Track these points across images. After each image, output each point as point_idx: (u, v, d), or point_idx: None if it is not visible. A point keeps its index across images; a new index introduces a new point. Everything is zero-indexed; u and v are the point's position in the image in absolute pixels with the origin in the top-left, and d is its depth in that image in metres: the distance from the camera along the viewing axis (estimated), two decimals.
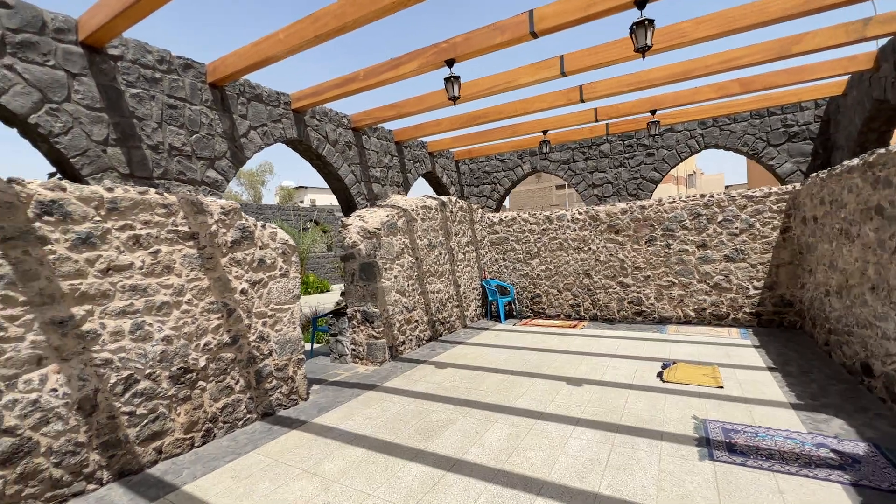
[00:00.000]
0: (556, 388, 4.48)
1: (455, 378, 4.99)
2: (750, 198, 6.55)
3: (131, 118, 3.84)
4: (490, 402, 4.19)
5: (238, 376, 3.92)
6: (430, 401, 4.34)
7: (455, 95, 4.15)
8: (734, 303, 6.72)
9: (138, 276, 3.24)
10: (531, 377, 4.89)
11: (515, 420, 3.76)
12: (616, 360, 5.33)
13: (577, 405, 4.00)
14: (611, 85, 5.42)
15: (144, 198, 3.30)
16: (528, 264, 8.52)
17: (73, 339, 2.88)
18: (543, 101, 5.84)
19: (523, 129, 7.28)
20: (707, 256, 6.87)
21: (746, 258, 6.60)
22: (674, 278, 7.16)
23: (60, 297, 2.84)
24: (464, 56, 4.06)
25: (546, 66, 4.70)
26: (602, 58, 4.44)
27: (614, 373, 4.87)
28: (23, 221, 2.70)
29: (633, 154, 8.63)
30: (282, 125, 5.30)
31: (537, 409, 3.98)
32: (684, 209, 7.01)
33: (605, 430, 3.46)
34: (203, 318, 3.66)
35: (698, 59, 4.86)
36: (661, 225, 7.19)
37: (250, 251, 4.10)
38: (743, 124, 7.75)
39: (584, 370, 5.02)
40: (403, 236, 6.39)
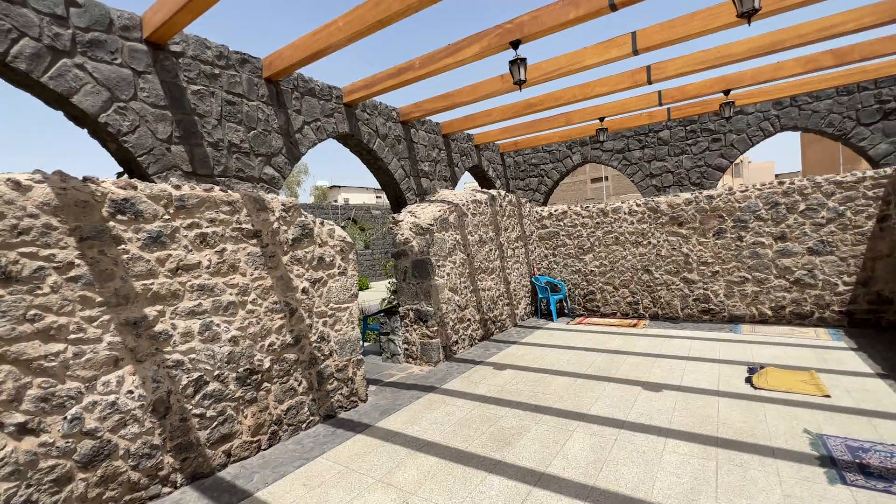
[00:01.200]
0: (632, 394, 4.13)
1: (517, 381, 4.73)
2: (839, 183, 5.89)
3: (192, 115, 3.79)
4: (562, 409, 3.90)
5: (301, 377, 3.82)
6: (496, 405, 4.10)
7: (521, 79, 3.86)
8: (820, 300, 6.08)
9: (206, 276, 3.17)
10: (601, 381, 4.55)
11: (595, 429, 3.46)
12: (692, 363, 4.89)
13: (662, 413, 3.64)
14: (682, 64, 4.95)
15: (210, 195, 3.23)
16: (581, 260, 8.10)
17: (146, 340, 2.83)
18: (605, 84, 5.43)
19: (577, 118, 6.88)
20: (787, 249, 6.25)
21: (835, 251, 5.95)
22: (747, 273, 6.57)
23: (134, 298, 2.78)
24: (531, 36, 3.76)
25: (616, 45, 4.32)
26: (679, 32, 4.02)
27: (694, 377, 4.45)
28: (98, 221, 2.65)
29: (696, 140, 8.00)
30: (334, 120, 5.18)
31: (617, 416, 3.66)
32: (759, 198, 6.41)
33: (703, 444, 3.09)
34: (267, 318, 3.57)
35: (790, 28, 4.33)
36: (732, 216, 6.61)
37: (310, 249, 3.98)
38: (827, 102, 7.00)
39: (658, 374, 4.63)
40: (455, 232, 6.17)
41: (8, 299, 2.29)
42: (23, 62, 2.88)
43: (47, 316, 2.42)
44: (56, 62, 3.04)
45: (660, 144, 8.32)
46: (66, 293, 2.49)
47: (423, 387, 4.79)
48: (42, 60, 2.97)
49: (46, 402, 2.40)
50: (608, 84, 5.43)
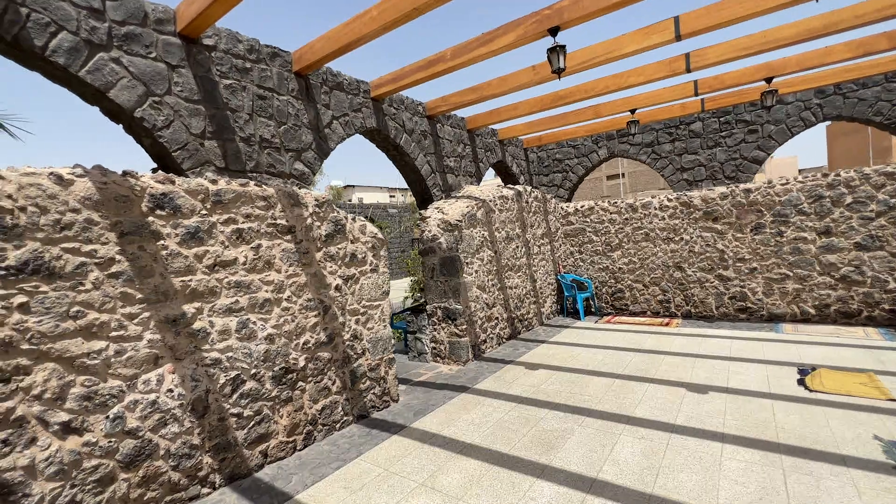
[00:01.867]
0: (676, 396, 3.94)
1: (552, 381, 4.57)
2: (890, 175, 5.57)
3: (225, 110, 3.74)
4: (604, 410, 3.74)
5: (334, 377, 3.74)
6: (533, 406, 3.96)
7: (561, 67, 3.70)
8: (868, 298, 5.77)
9: (242, 272, 3.10)
10: (640, 382, 4.37)
11: (643, 432, 3.29)
12: (737, 364, 4.67)
13: (712, 417, 3.45)
14: (724, 50, 4.72)
15: (245, 190, 3.16)
16: (609, 257, 7.88)
17: (185, 337, 2.77)
18: (640, 74, 5.23)
19: (606, 110, 6.67)
20: (832, 245, 5.95)
21: (885, 246, 5.64)
22: (787, 270, 6.28)
23: (173, 295, 2.72)
24: (571, 22, 3.60)
25: (657, 31, 4.12)
26: (726, 15, 3.81)
27: (741, 379, 4.24)
28: (138, 216, 2.59)
29: (730, 132, 7.70)
30: (361, 115, 5.09)
31: (665, 419, 3.48)
32: (801, 191, 6.12)
33: (764, 450, 2.91)
34: (301, 315, 3.49)
35: (846, 8, 4.07)
36: (771, 210, 6.33)
37: (342, 245, 3.90)
38: (875, 89, 6.65)
39: (701, 375, 4.43)
40: (482, 228, 6.03)
41: (52, 295, 2.24)
42: (61, 56, 2.85)
43: (89, 313, 2.38)
44: (93, 56, 3.00)
45: (691, 137, 8.04)
46: (108, 289, 2.44)
47: (455, 386, 4.68)
48: (80, 54, 2.94)
49: (89, 401, 2.36)
50: (644, 73, 5.22)
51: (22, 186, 2.18)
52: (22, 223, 2.17)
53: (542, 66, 4.90)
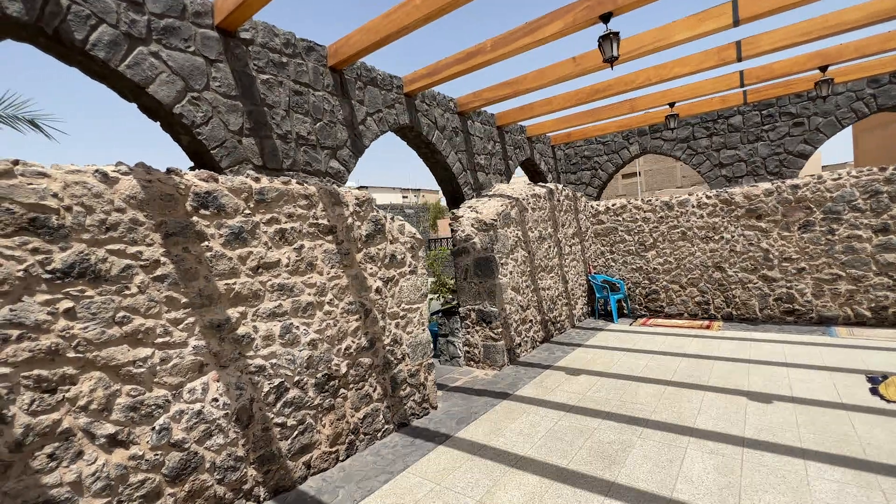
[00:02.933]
0: (737, 405, 3.68)
1: (598, 388, 4.35)
2: None
3: (262, 106, 3.62)
4: (662, 421, 3.50)
5: (375, 383, 3.58)
6: (583, 415, 3.74)
7: (614, 55, 3.48)
8: None
9: (285, 275, 2.96)
10: (693, 389, 4.12)
11: (711, 445, 3.05)
12: (796, 371, 4.38)
13: (785, 429, 3.19)
14: (780, 37, 4.44)
15: (288, 188, 3.01)
16: (643, 257, 7.60)
17: (229, 343, 2.63)
18: (686, 64, 4.97)
19: (643, 104, 6.40)
20: (890, 243, 5.60)
21: None
22: (840, 270, 5.94)
23: (217, 299, 2.59)
24: (625, 7, 3.39)
25: (713, 16, 3.87)
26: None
27: (806, 387, 3.96)
28: (182, 215, 2.46)
29: (773, 125, 7.35)
30: (395, 111, 4.94)
31: (731, 431, 3.23)
32: (855, 186, 5.77)
33: (855, 469, 2.65)
34: (343, 319, 3.34)
35: None
36: (822, 207, 5.99)
37: (382, 246, 3.74)
38: None
39: (759, 382, 4.15)
40: (516, 228, 5.83)
41: (97, 300, 2.12)
42: (101, 50, 2.74)
43: (135, 318, 2.25)
44: (133, 50, 2.89)
45: (731, 131, 7.70)
46: (153, 293, 2.31)
47: (495, 393, 4.48)
48: (119, 48, 2.83)
49: (135, 412, 2.22)
50: (689, 64, 4.96)
51: (67, 185, 2.06)
52: (68, 224, 2.05)
53: (583, 57, 4.68)
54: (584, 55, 4.61)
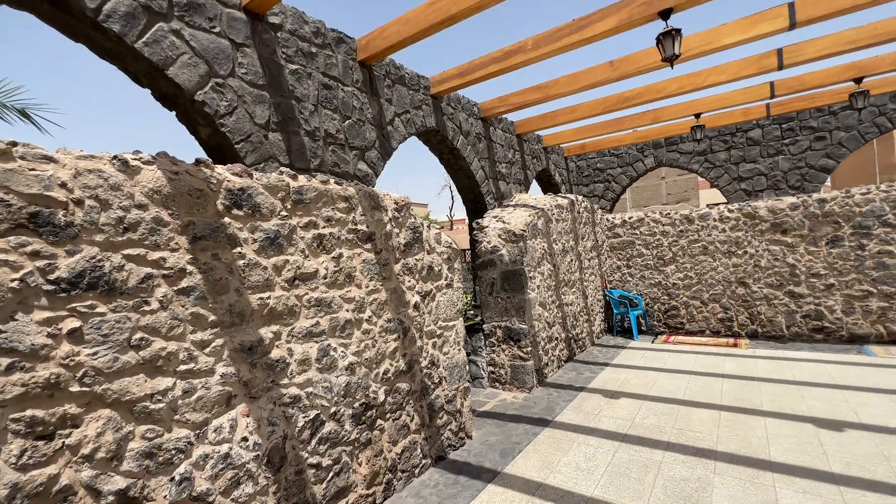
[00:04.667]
0: (807, 433, 3.38)
1: (644, 413, 4.00)
2: None
3: (290, 98, 3.24)
4: (732, 453, 3.16)
5: (413, 412, 3.16)
6: (640, 446, 3.37)
7: (675, 53, 3.25)
8: None
9: (322, 288, 2.55)
10: (750, 414, 3.80)
11: (802, 484, 2.72)
12: (851, 394, 4.11)
13: (874, 462, 2.89)
14: (826, 45, 4.30)
15: (327, 188, 2.63)
16: (661, 272, 7.36)
17: (261, 370, 2.20)
18: (722, 73, 4.80)
19: (666, 114, 6.25)
20: None
21: None
22: (870, 287, 5.78)
23: (249, 316, 2.17)
24: (686, 3, 3.16)
25: (767, 18, 3.70)
26: (852, 0, 3.38)
27: (869, 412, 3.68)
28: (212, 216, 2.05)
29: (794, 139, 7.29)
30: (422, 112, 4.62)
31: (815, 466, 2.91)
32: (885, 201, 5.66)
33: None
34: (381, 339, 2.93)
35: None
36: (850, 222, 5.86)
37: (420, 256, 3.36)
38: None
39: (818, 406, 3.87)
40: (542, 240, 5.52)
41: (110, 318, 1.68)
42: (116, 22, 2.34)
43: (155, 341, 1.81)
44: (152, 26, 2.51)
45: (749, 145, 7.62)
46: (177, 309, 1.88)
47: (532, 419, 4.09)
48: (137, 22, 2.44)
49: (151, 459, 1.77)
50: (726, 72, 4.79)
51: (79, 173, 1.65)
52: (78, 221, 1.63)
53: (621, 60, 4.46)
54: (624, 59, 4.40)
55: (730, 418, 3.77)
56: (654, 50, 4.23)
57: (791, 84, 5.37)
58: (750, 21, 3.82)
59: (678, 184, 29.20)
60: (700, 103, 6.00)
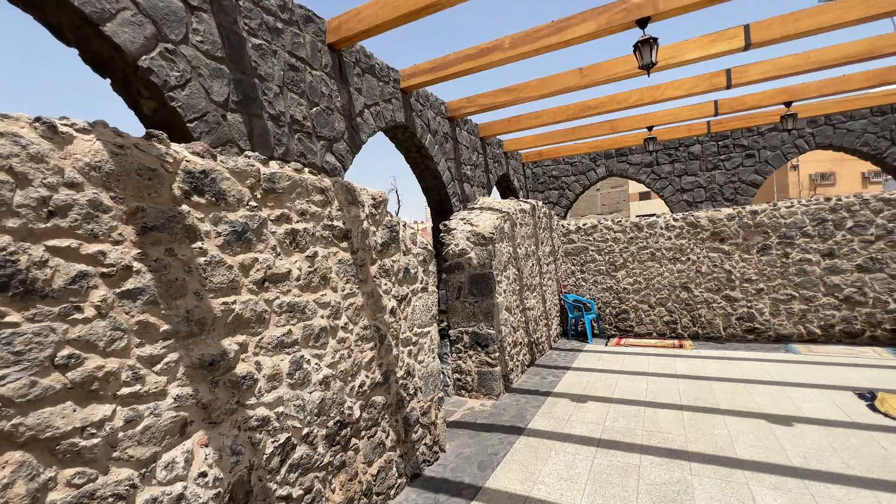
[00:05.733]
0: (761, 429, 3.57)
1: (613, 416, 4.03)
2: (887, 201, 5.89)
3: (253, 76, 2.85)
4: (703, 452, 3.25)
5: (388, 427, 2.89)
6: (617, 450, 3.37)
7: (652, 61, 3.31)
8: (871, 318, 5.99)
9: (295, 291, 2.23)
10: (709, 413, 3.97)
11: (771, 480, 2.83)
12: (792, 390, 4.46)
13: (827, 454, 3.09)
14: (766, 69, 4.70)
15: (302, 177, 2.31)
16: (613, 277, 7.66)
17: (224, 389, 1.84)
18: (678, 87, 5.08)
19: (623, 125, 6.53)
20: (835, 266, 6.14)
21: (885, 268, 5.90)
22: (793, 291, 6.40)
23: (211, 324, 1.80)
24: (664, 14, 3.25)
25: (725, 38, 3.93)
26: (801, 27, 3.70)
27: (811, 406, 3.99)
28: (167, 202, 1.68)
29: (728, 155, 7.97)
30: (391, 106, 4.36)
31: (777, 461, 3.06)
32: (805, 214, 6.31)
33: None
34: (357, 349, 2.64)
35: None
36: (777, 232, 6.46)
37: (396, 257, 3.11)
38: (862, 122, 7.20)
39: (767, 403, 4.13)
40: (508, 244, 5.47)
41: (26, 330, 1.28)
42: None
43: (89, 358, 1.42)
44: None
45: (691, 159, 8.22)
46: (119, 318, 1.50)
47: (505, 427, 3.96)
48: None
49: None
50: (682, 87, 5.08)
51: None
52: None
53: (590, 68, 4.54)
54: (593, 66, 4.48)
55: (692, 418, 3.91)
56: (623, 60, 4.35)
57: (732, 104, 5.84)
58: (710, 39, 4.05)
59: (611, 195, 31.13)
60: (654, 116, 6.34)
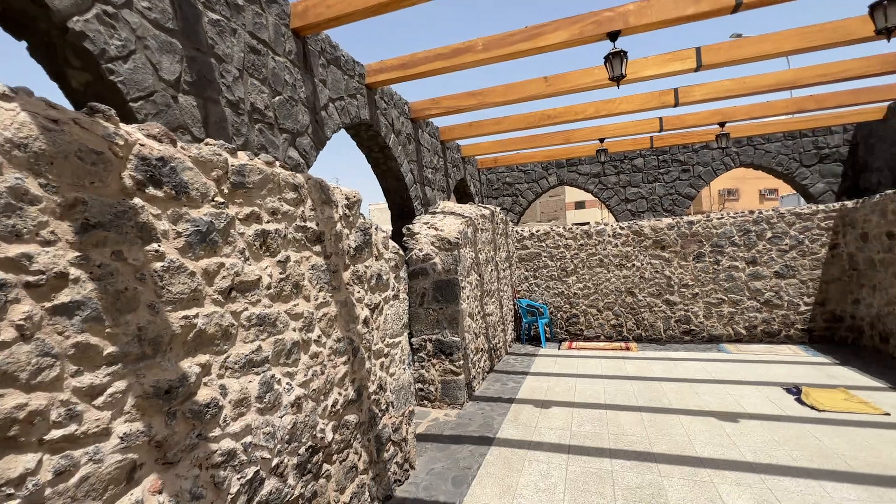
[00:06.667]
0: (713, 427, 3.80)
1: (578, 421, 4.09)
2: (798, 215, 6.65)
3: (209, 55, 2.49)
4: (668, 453, 3.37)
5: (360, 448, 2.65)
6: (588, 455, 3.39)
7: (622, 73, 3.41)
8: (786, 319, 6.70)
9: (265, 301, 1.95)
10: (665, 413, 4.16)
11: (733, 476, 2.98)
12: (730, 387, 4.82)
13: (773, 448, 3.34)
14: (707, 91, 5.10)
15: (274, 171, 2.04)
16: (564, 282, 7.91)
17: (183, 421, 1.53)
18: (631, 102, 5.35)
19: (577, 136, 6.77)
20: (757, 273, 6.81)
21: (796, 274, 6.64)
22: (723, 295, 7.00)
23: (168, 344, 1.50)
24: (634, 28, 3.36)
25: (680, 58, 4.19)
26: (745, 53, 4.04)
27: (750, 402, 4.33)
28: (116, 194, 1.36)
29: (667, 169, 8.58)
30: (356, 102, 4.10)
31: (733, 457, 3.25)
32: (733, 225, 6.94)
33: (859, 483, 2.82)
34: (330, 364, 2.39)
35: (815, 66, 4.70)
36: (710, 241, 7.04)
37: (369, 263, 2.90)
38: (777, 144, 8.09)
39: (712, 401, 4.42)
40: (470, 249, 5.40)
41: None
42: None
43: (5, 395, 1.08)
44: None
45: (634, 171, 8.75)
46: (50, 340, 1.17)
47: (473, 438, 3.85)
48: None
49: None
50: (634, 102, 5.36)
51: None
52: None
53: (555, 77, 4.63)
54: (558, 76, 4.57)
55: (651, 419, 4.06)
56: (586, 72, 4.49)
57: (675, 121, 6.30)
58: (665, 58, 4.31)
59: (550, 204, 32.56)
60: (606, 129, 6.66)
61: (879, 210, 5.62)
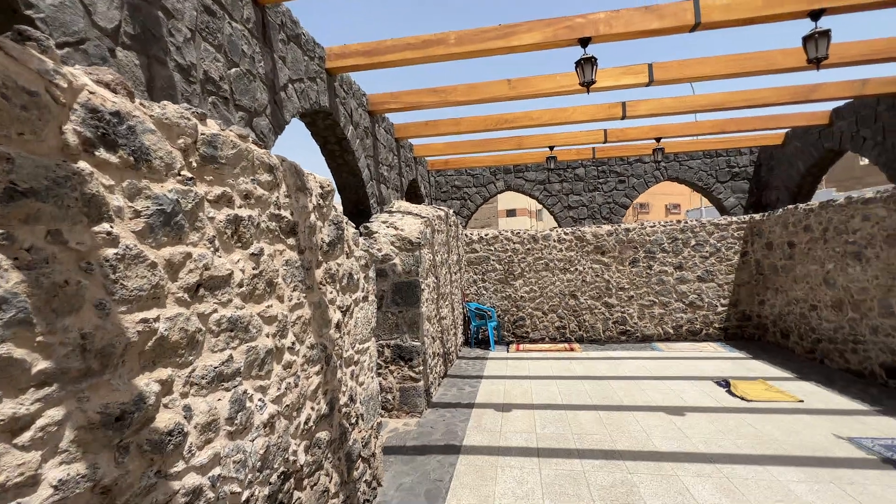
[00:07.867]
0: (664, 422, 4.01)
1: (541, 423, 4.10)
2: (717, 225, 7.41)
3: (156, 6, 2.04)
4: (632, 450, 3.47)
5: (331, 468, 2.36)
6: (557, 458, 3.38)
7: (592, 79, 3.48)
8: (706, 319, 7.41)
9: (237, 302, 1.62)
10: (619, 411, 4.33)
11: (694, 468, 3.13)
12: (670, 383, 5.17)
13: (718, 438, 3.59)
14: (652, 107, 5.48)
15: (247, 147, 1.72)
16: (511, 286, 8.04)
17: (138, 456, 1.18)
18: (583, 112, 5.58)
19: (529, 143, 6.93)
20: (683, 277, 7.47)
21: (715, 279, 7.39)
22: (655, 298, 7.57)
23: (121, 355, 1.14)
24: (603, 37, 3.46)
25: (634, 72, 4.42)
26: (691, 72, 4.39)
27: (690, 396, 4.66)
28: (55, 151, 1.01)
29: (606, 179, 9.12)
30: (317, 87, 3.73)
31: (688, 449, 3.43)
32: (664, 233, 7.55)
33: (800, 466, 3.11)
34: (304, 374, 2.09)
35: (764, 89, 5.24)
36: (644, 247, 7.59)
37: (341, 260, 2.62)
38: (698, 161, 8.96)
39: (658, 397, 4.69)
40: (429, 250, 5.23)
41: None
42: None
43: None
44: None
45: (576, 180, 9.18)
46: None
47: (439, 448, 3.67)
48: None
49: None
50: (586, 113, 5.59)
51: None
52: None
53: (518, 81, 4.66)
54: (522, 80, 4.60)
55: (608, 417, 4.19)
56: (550, 77, 4.58)
57: (617, 134, 6.71)
58: (620, 71, 4.54)
59: (484, 210, 33.39)
60: (556, 137, 6.89)
61: (782, 222, 6.44)
